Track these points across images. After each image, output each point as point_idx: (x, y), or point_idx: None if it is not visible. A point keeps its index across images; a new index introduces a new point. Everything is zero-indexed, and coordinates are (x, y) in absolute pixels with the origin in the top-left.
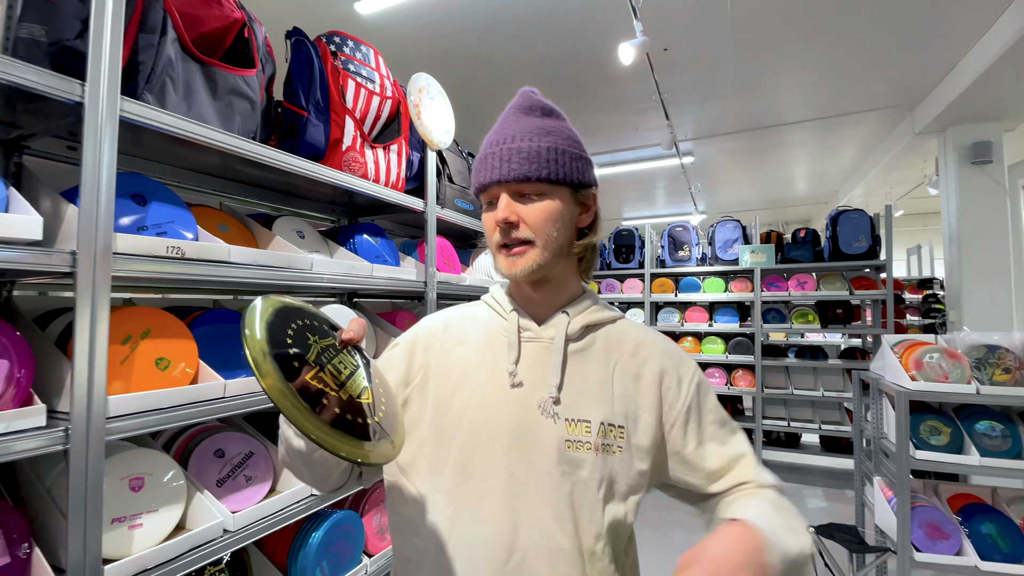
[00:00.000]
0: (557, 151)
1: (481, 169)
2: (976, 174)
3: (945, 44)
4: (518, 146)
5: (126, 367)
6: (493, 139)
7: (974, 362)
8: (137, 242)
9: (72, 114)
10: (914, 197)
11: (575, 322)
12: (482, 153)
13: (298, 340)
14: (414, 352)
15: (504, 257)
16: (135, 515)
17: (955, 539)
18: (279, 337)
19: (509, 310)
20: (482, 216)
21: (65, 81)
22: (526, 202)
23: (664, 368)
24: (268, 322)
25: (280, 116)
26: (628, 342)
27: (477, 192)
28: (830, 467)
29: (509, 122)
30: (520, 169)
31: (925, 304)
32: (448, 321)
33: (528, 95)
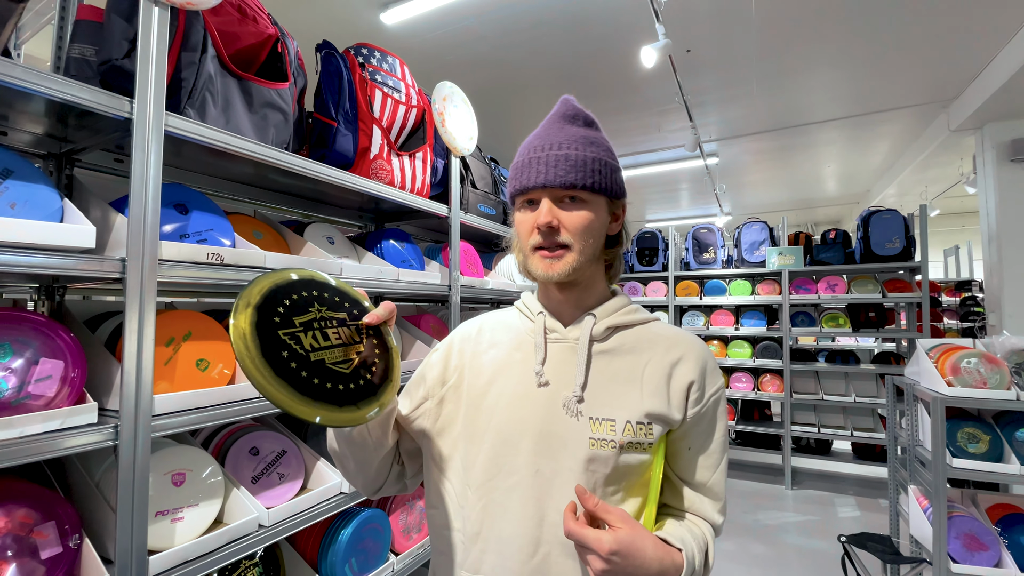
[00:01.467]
0: (600, 162)
1: (525, 172)
2: (1016, 172)
3: (980, 39)
4: (565, 153)
5: (169, 367)
6: (537, 143)
7: (1014, 367)
8: (180, 249)
9: (120, 129)
10: (951, 196)
11: (601, 323)
12: (525, 156)
13: (297, 304)
14: (450, 355)
15: (540, 259)
16: (177, 509)
17: (994, 550)
18: (277, 297)
19: (536, 312)
20: (515, 216)
21: (115, 99)
22: (567, 208)
23: (694, 375)
24: (276, 283)
25: (311, 126)
26: (661, 343)
27: (517, 193)
28: (863, 475)
29: (554, 129)
30: (567, 176)
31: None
32: (483, 326)
33: (570, 104)
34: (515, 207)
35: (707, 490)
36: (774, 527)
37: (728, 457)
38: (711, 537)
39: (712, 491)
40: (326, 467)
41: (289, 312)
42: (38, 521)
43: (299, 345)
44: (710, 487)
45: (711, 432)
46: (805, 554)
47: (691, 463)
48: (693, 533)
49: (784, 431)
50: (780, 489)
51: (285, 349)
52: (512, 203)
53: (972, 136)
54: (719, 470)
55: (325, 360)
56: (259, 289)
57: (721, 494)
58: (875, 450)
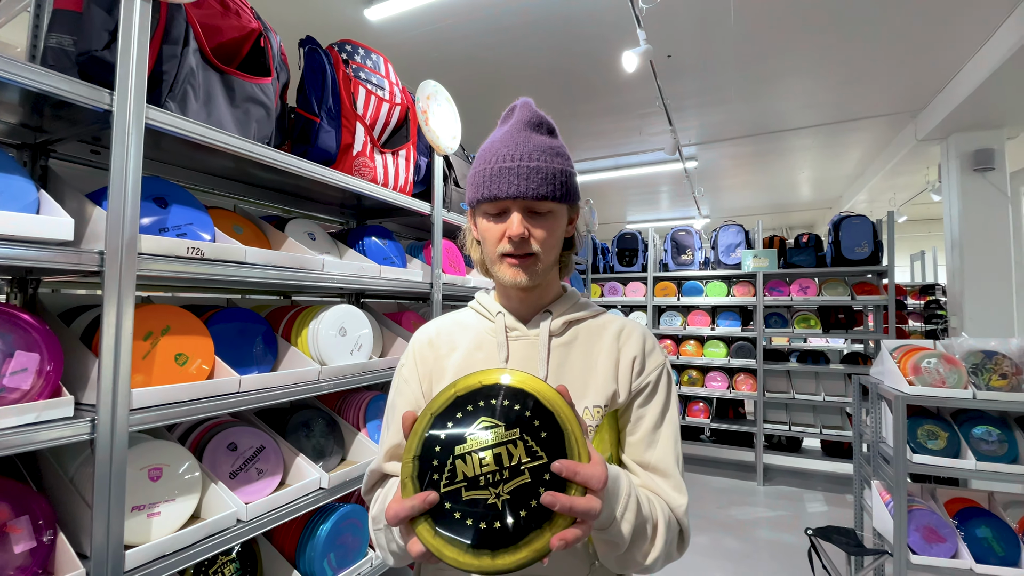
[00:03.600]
0: (566, 174)
1: (495, 181)
2: (978, 181)
3: (947, 52)
4: (536, 166)
5: (147, 362)
6: (505, 152)
7: (971, 367)
8: (160, 243)
9: (100, 121)
10: (918, 203)
11: (558, 319)
12: (493, 165)
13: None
14: (417, 364)
15: (508, 266)
16: (154, 504)
17: (951, 542)
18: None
19: (495, 312)
20: (478, 222)
21: (95, 90)
22: (535, 219)
23: (636, 351)
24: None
25: (293, 122)
26: (610, 330)
27: (485, 201)
28: (831, 471)
29: (521, 137)
30: (539, 189)
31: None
32: (439, 329)
33: (533, 109)
34: (476, 212)
35: (654, 468)
36: (746, 522)
37: (680, 440)
38: (666, 511)
39: (659, 468)
40: (305, 463)
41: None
42: (11, 516)
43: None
44: (655, 464)
45: (655, 404)
46: (776, 548)
47: (639, 440)
48: (637, 487)
49: (757, 429)
50: (752, 485)
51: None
52: (472, 206)
53: (938, 145)
54: (668, 447)
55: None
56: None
57: (672, 472)
58: (843, 447)
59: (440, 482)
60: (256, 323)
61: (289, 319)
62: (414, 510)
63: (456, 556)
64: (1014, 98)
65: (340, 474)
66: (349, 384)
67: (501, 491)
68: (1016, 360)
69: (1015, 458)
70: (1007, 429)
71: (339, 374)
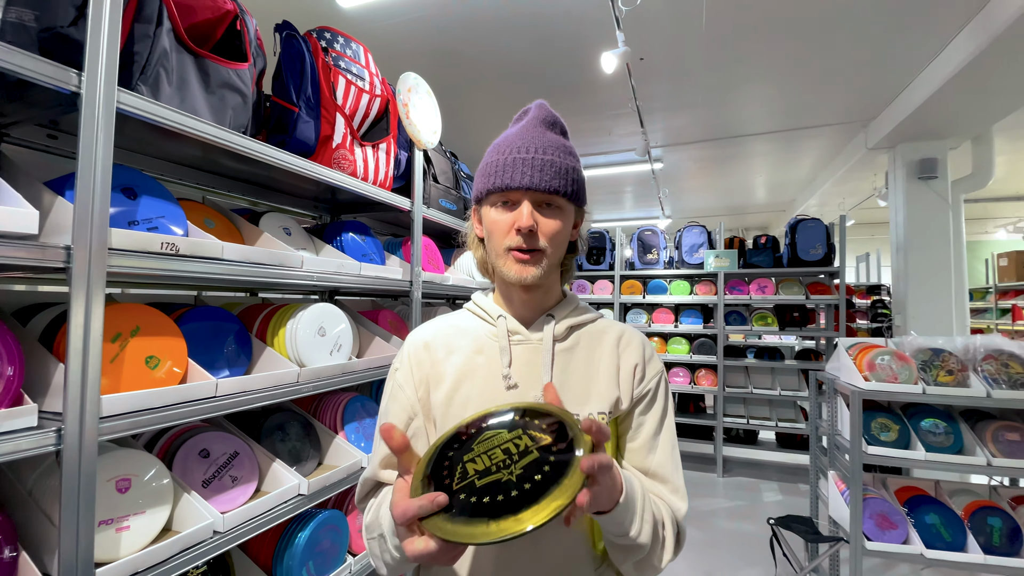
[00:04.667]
0: (577, 172)
1: (507, 171)
2: (922, 188)
3: (899, 66)
4: (550, 159)
5: (116, 365)
6: (520, 144)
7: (920, 364)
8: (132, 238)
9: (64, 104)
10: (863, 208)
11: (561, 324)
12: (507, 156)
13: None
14: (412, 369)
15: (515, 261)
16: (122, 517)
17: (902, 529)
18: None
19: (496, 316)
20: (486, 213)
21: (61, 70)
22: (544, 214)
23: (638, 358)
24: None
25: (269, 111)
26: (609, 336)
27: (495, 191)
28: (785, 462)
29: (536, 133)
30: (552, 182)
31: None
32: (435, 332)
33: (548, 109)
34: (484, 204)
35: (654, 473)
36: (708, 512)
37: (677, 445)
38: (671, 514)
39: (660, 474)
40: (282, 468)
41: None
42: None
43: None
44: (656, 470)
45: (655, 411)
46: (735, 537)
47: (640, 447)
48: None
49: (717, 423)
50: (712, 477)
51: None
52: (479, 199)
53: (886, 154)
54: (667, 453)
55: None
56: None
57: (671, 477)
58: (796, 439)
59: (452, 483)
60: (228, 322)
61: (264, 318)
62: (423, 510)
63: (476, 531)
64: (958, 112)
65: (320, 479)
66: (329, 386)
67: (513, 468)
68: (961, 357)
69: (960, 449)
70: (952, 422)
71: (318, 375)
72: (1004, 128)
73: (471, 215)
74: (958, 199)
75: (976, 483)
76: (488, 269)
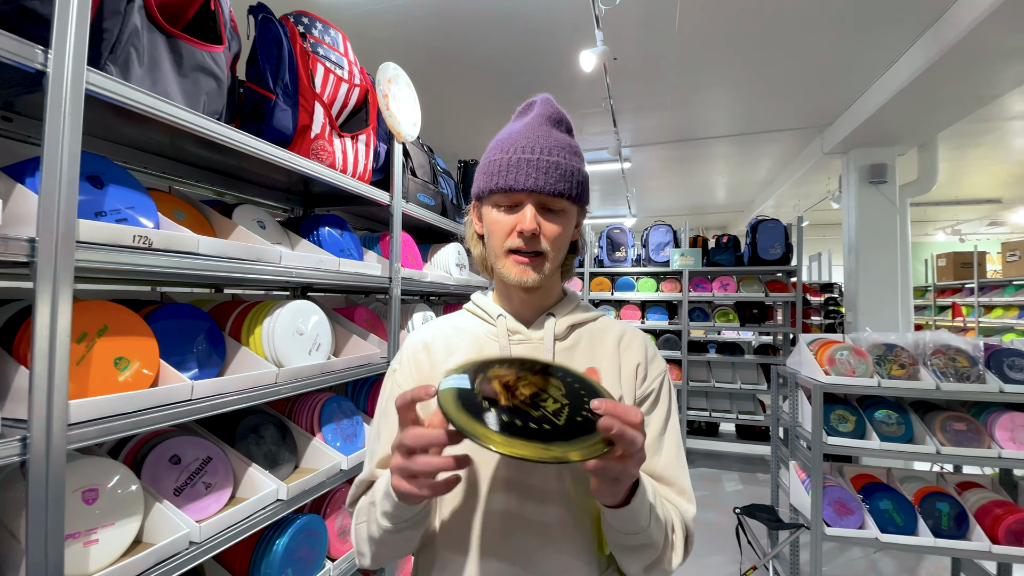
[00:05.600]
0: (582, 174)
1: (511, 171)
2: (873, 192)
3: (855, 75)
4: (556, 161)
5: (82, 368)
6: (524, 143)
7: (875, 358)
8: (102, 230)
9: (26, 83)
10: (816, 210)
11: (561, 322)
12: (511, 155)
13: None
14: (412, 369)
15: (515, 264)
16: (90, 530)
17: (858, 515)
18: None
19: (496, 315)
20: (486, 213)
21: (26, 46)
22: (547, 216)
23: (640, 357)
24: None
25: (243, 97)
26: (611, 335)
27: (498, 191)
28: (744, 453)
29: (542, 131)
30: (557, 185)
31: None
32: (435, 334)
33: (554, 105)
34: (485, 202)
35: (660, 475)
36: None
37: (683, 446)
38: (680, 516)
39: (665, 476)
40: (259, 473)
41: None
42: None
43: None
44: (661, 472)
45: (659, 411)
46: (700, 526)
47: (650, 449)
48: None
49: (681, 416)
50: None
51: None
52: (480, 196)
53: (840, 159)
54: (673, 454)
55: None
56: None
57: (678, 479)
58: (755, 430)
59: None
60: (200, 320)
61: (238, 316)
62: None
63: (498, 439)
64: (907, 120)
65: (299, 483)
66: (308, 386)
67: (549, 404)
68: (912, 352)
69: (911, 438)
70: (904, 413)
71: (297, 376)
72: (946, 137)
73: (470, 211)
74: (905, 203)
75: (923, 470)
76: (487, 267)
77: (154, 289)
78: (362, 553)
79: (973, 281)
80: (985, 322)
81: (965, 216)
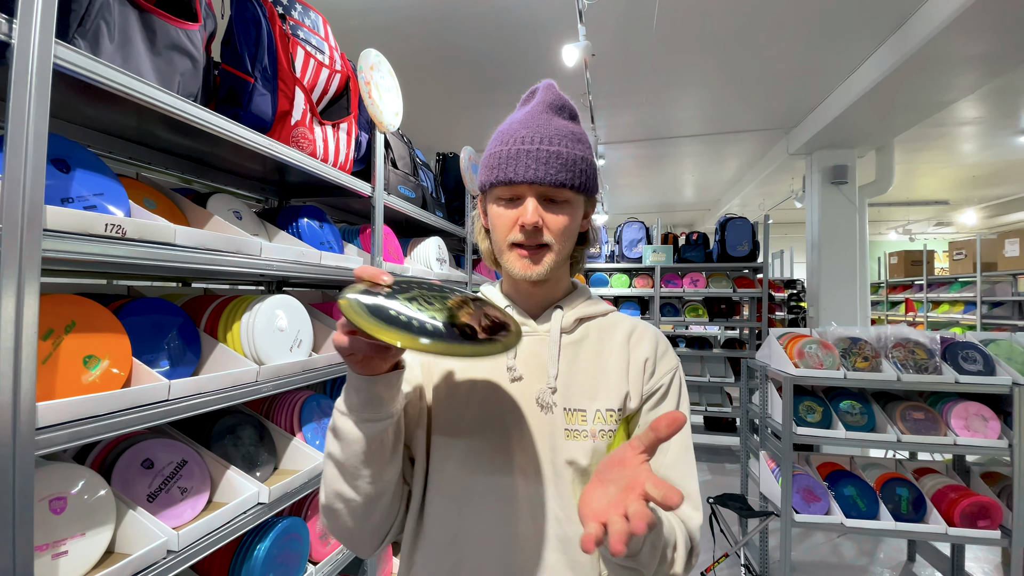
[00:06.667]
0: (587, 162)
1: (511, 163)
2: (835, 192)
3: (821, 79)
4: (556, 150)
5: (49, 367)
6: (525, 134)
7: (841, 352)
8: (72, 218)
9: None
10: (780, 209)
11: (569, 315)
12: (511, 147)
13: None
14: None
15: (518, 258)
16: (59, 541)
17: (824, 501)
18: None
19: (503, 307)
20: (492, 210)
21: None
22: (551, 208)
23: (649, 352)
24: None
25: (219, 80)
26: (620, 332)
27: (499, 184)
28: (712, 444)
29: (542, 120)
30: (558, 176)
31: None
32: None
33: (556, 92)
34: (488, 198)
35: (665, 478)
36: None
37: (692, 450)
38: (683, 529)
39: (670, 479)
40: (238, 476)
41: (391, 291)
42: None
43: (403, 305)
44: (666, 474)
45: (666, 408)
46: None
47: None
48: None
49: None
50: None
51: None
52: (484, 190)
53: (804, 160)
54: (680, 456)
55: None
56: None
57: (683, 483)
58: (721, 422)
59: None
60: (172, 316)
61: (214, 311)
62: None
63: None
64: (867, 124)
65: (281, 485)
66: (289, 385)
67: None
68: (874, 345)
69: (873, 427)
70: (866, 403)
71: (279, 374)
72: (901, 141)
73: (476, 204)
74: (864, 203)
75: (881, 458)
76: (495, 261)
77: (110, 283)
78: (327, 476)
79: (922, 278)
80: (933, 317)
81: (915, 216)
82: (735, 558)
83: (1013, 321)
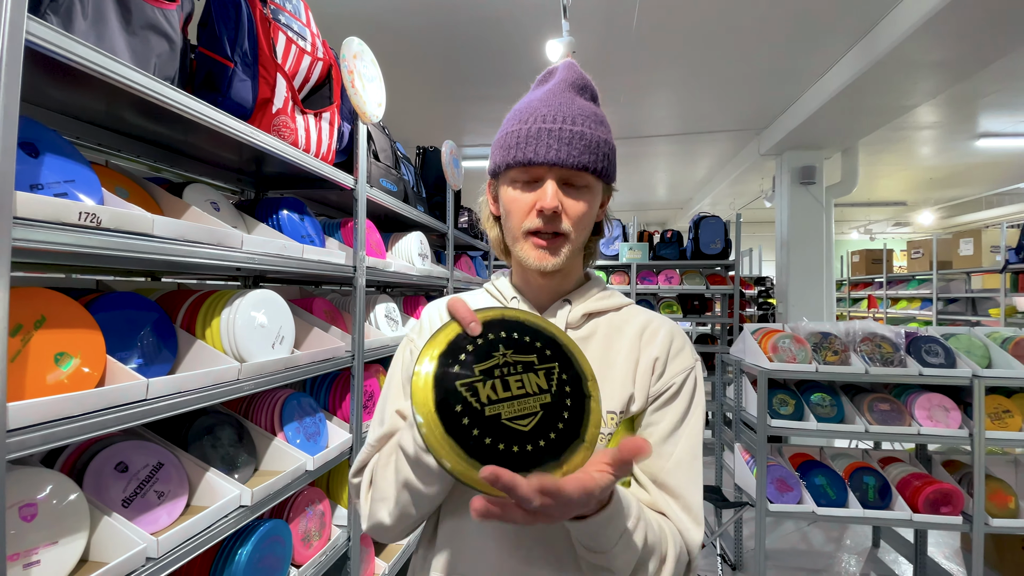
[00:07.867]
0: (609, 146)
1: (531, 143)
2: (803, 192)
3: (789, 82)
4: (580, 131)
5: (18, 365)
6: (546, 112)
7: (812, 346)
8: (43, 205)
9: None
10: (750, 208)
11: (576, 310)
12: (531, 126)
13: (481, 349)
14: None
15: (534, 247)
16: (30, 551)
17: (796, 491)
18: (461, 343)
19: (510, 298)
20: (506, 195)
21: None
22: (570, 193)
23: (659, 351)
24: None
25: (196, 64)
26: (632, 328)
27: (516, 165)
28: None
29: (565, 99)
30: (581, 158)
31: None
32: (442, 315)
33: (578, 70)
34: (501, 179)
35: (663, 483)
36: None
37: (700, 458)
38: (678, 541)
39: (669, 485)
40: (218, 478)
41: (471, 358)
42: None
43: (475, 397)
44: (665, 479)
45: (673, 410)
46: None
47: (654, 452)
48: (644, 508)
49: None
50: None
51: (460, 403)
52: (496, 173)
53: (774, 160)
54: (683, 461)
55: (501, 415)
56: (445, 335)
57: (684, 491)
58: None
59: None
60: (147, 311)
61: (191, 307)
62: None
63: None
64: (834, 126)
65: (264, 487)
66: (271, 383)
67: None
68: (843, 339)
69: (842, 418)
70: (836, 395)
71: (261, 372)
72: (865, 143)
73: (484, 190)
74: (830, 203)
75: (848, 447)
76: (504, 250)
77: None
78: (376, 515)
79: (882, 276)
80: (892, 313)
81: (876, 216)
82: (711, 548)
83: (966, 316)
